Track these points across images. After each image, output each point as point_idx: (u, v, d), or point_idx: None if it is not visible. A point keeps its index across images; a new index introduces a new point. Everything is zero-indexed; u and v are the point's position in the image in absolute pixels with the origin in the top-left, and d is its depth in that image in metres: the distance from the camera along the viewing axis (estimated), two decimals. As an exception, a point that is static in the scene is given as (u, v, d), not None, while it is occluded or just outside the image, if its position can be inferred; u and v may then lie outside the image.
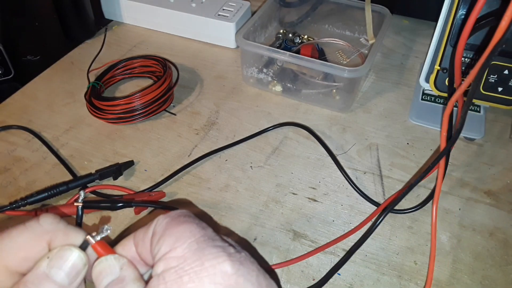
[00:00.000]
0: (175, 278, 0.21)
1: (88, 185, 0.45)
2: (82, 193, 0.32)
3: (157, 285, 0.21)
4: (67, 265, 0.23)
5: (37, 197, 0.42)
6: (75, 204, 0.31)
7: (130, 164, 0.48)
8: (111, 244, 0.25)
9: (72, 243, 0.24)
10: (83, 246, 0.24)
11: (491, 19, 0.42)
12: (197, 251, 0.21)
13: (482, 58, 0.34)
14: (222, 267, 0.21)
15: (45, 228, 0.24)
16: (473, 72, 0.36)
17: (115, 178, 0.47)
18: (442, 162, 0.41)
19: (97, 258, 0.24)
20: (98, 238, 0.24)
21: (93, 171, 0.46)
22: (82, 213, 0.32)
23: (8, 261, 0.23)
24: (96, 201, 0.43)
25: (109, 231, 0.24)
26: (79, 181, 0.44)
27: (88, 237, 0.24)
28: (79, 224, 0.32)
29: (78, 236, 0.24)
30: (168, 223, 0.23)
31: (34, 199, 0.42)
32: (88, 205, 0.41)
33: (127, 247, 0.25)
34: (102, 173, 0.46)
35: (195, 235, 0.22)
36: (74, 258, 0.23)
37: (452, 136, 0.40)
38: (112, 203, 0.41)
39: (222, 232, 0.32)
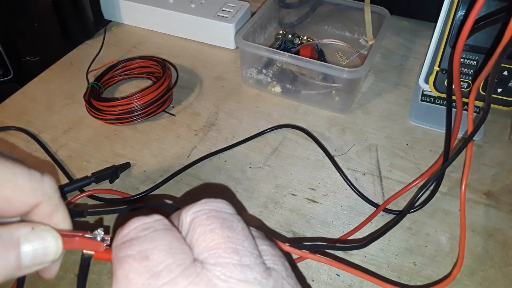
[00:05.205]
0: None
1: (85, 188, 0.45)
2: None
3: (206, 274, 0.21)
4: (39, 249, 0.21)
5: None
6: None
7: (126, 166, 0.48)
8: None
9: (53, 222, 0.24)
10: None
11: (490, 20, 0.42)
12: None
13: (491, 61, 0.34)
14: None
15: (45, 189, 0.24)
16: (483, 75, 0.35)
17: (111, 181, 0.46)
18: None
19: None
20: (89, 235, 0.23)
21: (91, 172, 0.46)
22: None
23: None
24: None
25: (101, 235, 0.23)
26: (75, 185, 0.44)
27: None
28: None
29: (63, 219, 0.24)
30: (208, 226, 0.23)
31: None
32: None
33: None
34: (98, 176, 0.45)
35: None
36: (51, 248, 0.22)
37: (466, 140, 0.40)
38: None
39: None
